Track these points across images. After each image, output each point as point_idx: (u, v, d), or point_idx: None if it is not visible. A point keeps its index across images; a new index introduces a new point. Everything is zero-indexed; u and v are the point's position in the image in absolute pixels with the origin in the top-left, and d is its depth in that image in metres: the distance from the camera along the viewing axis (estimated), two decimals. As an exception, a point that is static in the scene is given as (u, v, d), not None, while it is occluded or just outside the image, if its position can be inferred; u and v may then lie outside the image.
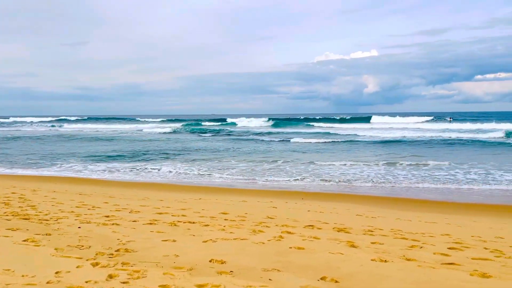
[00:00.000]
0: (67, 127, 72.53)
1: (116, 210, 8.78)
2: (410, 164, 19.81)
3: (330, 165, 20.32)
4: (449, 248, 6.07)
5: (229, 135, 47.45)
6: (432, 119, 74.72)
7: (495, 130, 42.27)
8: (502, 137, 34.78)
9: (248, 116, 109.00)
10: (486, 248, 6.22)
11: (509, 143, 30.20)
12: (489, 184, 15.02)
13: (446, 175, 17.07)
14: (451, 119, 74.08)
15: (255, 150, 28.64)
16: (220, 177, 17.34)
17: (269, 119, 77.58)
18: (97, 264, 4.73)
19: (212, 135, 47.87)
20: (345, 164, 20.28)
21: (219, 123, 77.21)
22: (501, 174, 16.82)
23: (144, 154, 26.34)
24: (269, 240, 6.13)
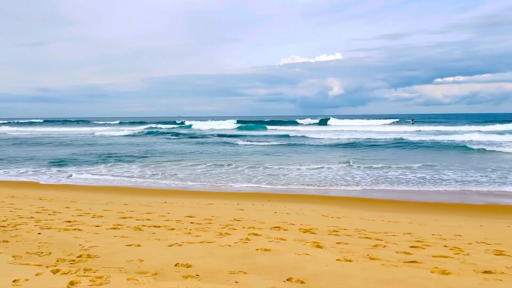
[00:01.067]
0: (9, 129, 70.09)
1: (78, 215, 8.54)
2: (370, 166, 20.24)
3: (288, 166, 20.49)
4: (411, 247, 6.23)
5: (192, 137, 46.87)
6: (396, 122, 76.25)
7: (456, 132, 43.93)
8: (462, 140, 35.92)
9: (214, 118, 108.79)
10: (446, 246, 6.42)
11: (460, 145, 31.29)
12: (447, 185, 15.55)
13: (399, 175, 17.58)
14: (413, 121, 75.96)
15: (216, 153, 28.70)
16: (179, 179, 17.17)
17: (238, 121, 77.68)
18: (57, 271, 4.58)
19: (169, 138, 47.14)
20: (304, 166, 20.51)
21: (178, 125, 76.28)
22: (452, 175, 17.47)
23: (99, 157, 25.86)
24: (235, 243, 6.11)
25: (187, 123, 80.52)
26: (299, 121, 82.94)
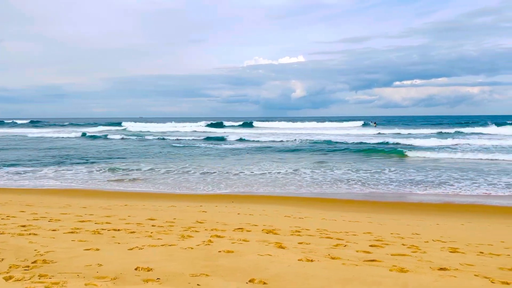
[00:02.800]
0: None
1: (34, 219, 8.22)
2: (323, 168, 20.60)
3: (242, 168, 20.57)
4: (371, 246, 6.37)
5: (141, 140, 45.95)
6: (362, 124, 76.90)
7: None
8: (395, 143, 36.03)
9: (177, 120, 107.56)
10: (404, 244, 6.60)
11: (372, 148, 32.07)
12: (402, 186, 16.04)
13: (342, 174, 18.00)
14: (376, 124, 77.31)
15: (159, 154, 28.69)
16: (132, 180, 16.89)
17: (207, 121, 77.73)
18: (10, 277, 4.38)
19: (115, 140, 46.08)
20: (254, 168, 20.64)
21: (122, 127, 74.40)
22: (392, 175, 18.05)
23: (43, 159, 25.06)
24: (198, 245, 6.05)
25: (125, 124, 78.69)
26: (225, 123, 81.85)
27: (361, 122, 78.81)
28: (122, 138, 46.29)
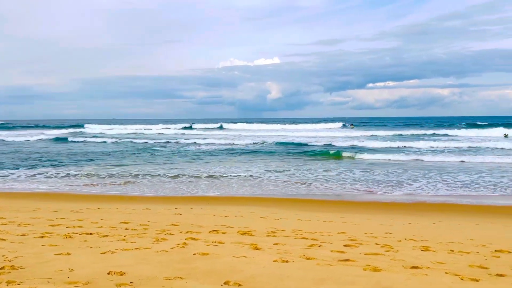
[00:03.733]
0: None
1: (2, 224, 7.97)
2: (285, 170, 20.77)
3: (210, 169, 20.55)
4: (345, 246, 6.43)
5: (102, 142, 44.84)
6: (341, 126, 76.90)
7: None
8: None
9: (150, 122, 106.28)
10: (377, 244, 6.70)
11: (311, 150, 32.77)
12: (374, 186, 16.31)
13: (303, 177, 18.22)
14: (353, 125, 78.16)
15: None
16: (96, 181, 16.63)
17: (176, 124, 76.59)
18: (-24, 285, 4.23)
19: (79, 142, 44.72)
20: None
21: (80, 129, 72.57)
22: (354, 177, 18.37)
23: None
24: (172, 248, 5.99)
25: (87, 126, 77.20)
26: (195, 125, 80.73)
27: (340, 124, 79.43)
28: (84, 142, 44.56)
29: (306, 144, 36.76)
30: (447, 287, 4.39)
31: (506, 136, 41.43)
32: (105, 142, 43.75)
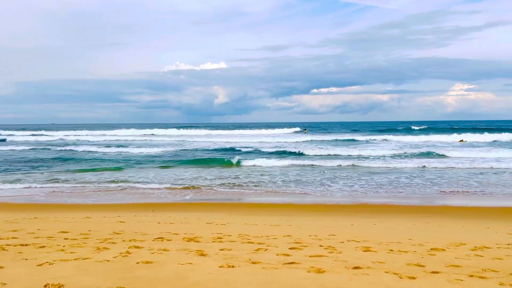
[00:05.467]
0: None
1: None
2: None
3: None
4: (290, 248, 6.52)
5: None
6: (297, 131, 76.94)
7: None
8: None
9: (90, 127, 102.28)
10: (321, 246, 6.84)
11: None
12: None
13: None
14: (306, 130, 79.56)
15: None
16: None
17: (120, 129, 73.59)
18: None
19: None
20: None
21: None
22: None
23: None
24: (115, 257, 5.79)
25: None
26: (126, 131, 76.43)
27: (295, 129, 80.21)
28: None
29: (233, 149, 36.14)
30: (386, 286, 4.57)
31: (462, 141, 41.94)
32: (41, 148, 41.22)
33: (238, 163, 25.39)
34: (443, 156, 28.04)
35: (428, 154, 28.89)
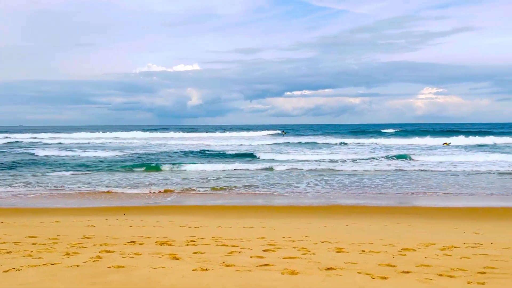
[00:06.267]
0: None
1: None
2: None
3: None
4: (264, 251, 6.53)
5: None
6: (278, 133, 76.37)
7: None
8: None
9: (55, 129, 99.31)
10: (295, 247, 6.88)
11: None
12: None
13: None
14: (285, 132, 79.86)
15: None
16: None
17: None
18: None
19: None
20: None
21: None
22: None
23: None
24: (85, 262, 5.67)
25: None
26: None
27: (275, 131, 79.91)
28: None
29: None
30: (358, 286, 4.62)
31: (446, 144, 42.13)
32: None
33: (157, 167, 24.23)
34: (412, 159, 28.53)
35: (400, 157, 29.46)
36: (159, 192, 16.48)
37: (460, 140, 44.67)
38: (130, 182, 19.02)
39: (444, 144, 42.38)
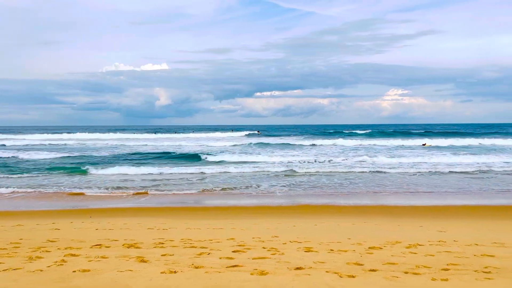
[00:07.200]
0: None
1: None
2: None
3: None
4: (233, 251, 6.50)
5: None
6: (249, 134, 75.71)
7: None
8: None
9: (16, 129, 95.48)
10: (265, 247, 6.89)
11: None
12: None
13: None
14: (259, 132, 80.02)
15: None
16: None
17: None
18: None
19: None
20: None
21: None
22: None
23: None
24: (49, 266, 5.50)
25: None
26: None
27: (247, 132, 79.20)
28: None
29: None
30: (327, 285, 4.67)
31: (425, 145, 42.40)
32: None
33: (84, 172, 22.94)
34: (368, 159, 28.70)
35: (367, 157, 29.97)
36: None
37: (446, 141, 45.89)
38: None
39: (423, 145, 43.07)
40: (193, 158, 30.66)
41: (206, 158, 29.99)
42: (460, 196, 15.51)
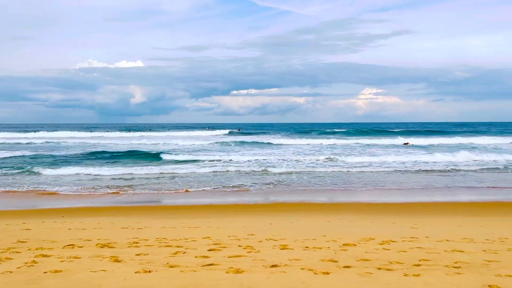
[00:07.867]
0: None
1: None
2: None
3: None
4: (209, 250, 6.48)
5: None
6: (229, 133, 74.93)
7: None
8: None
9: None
10: (240, 246, 6.89)
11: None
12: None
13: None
14: (240, 130, 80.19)
15: None
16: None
17: None
18: None
19: None
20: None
21: None
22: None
23: None
24: (19, 268, 5.36)
25: None
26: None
27: (228, 130, 78.42)
28: None
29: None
30: (302, 282, 4.71)
31: (406, 144, 42.68)
32: None
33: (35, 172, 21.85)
34: (343, 157, 28.82)
35: (343, 155, 30.31)
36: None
37: (401, 140, 46.46)
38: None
39: (404, 144, 43.38)
40: (160, 156, 29.86)
41: (178, 156, 29.48)
42: (431, 192, 15.87)
